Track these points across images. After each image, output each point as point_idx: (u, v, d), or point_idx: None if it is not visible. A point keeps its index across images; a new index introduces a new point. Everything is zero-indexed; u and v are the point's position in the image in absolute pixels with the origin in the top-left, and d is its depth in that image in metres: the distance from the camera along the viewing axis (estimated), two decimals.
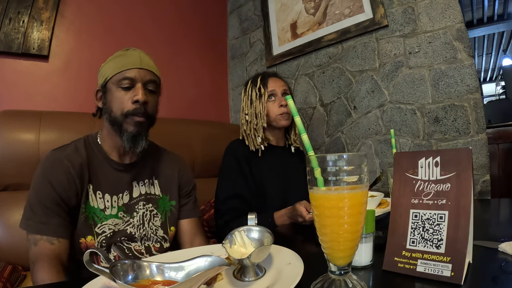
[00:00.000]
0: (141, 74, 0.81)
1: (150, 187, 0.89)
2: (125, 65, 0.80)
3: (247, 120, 1.17)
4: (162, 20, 1.85)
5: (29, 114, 1.17)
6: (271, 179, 1.13)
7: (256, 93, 1.16)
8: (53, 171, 0.75)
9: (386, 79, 1.44)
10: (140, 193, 0.86)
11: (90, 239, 0.75)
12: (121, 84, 0.79)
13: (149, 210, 0.86)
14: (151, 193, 0.88)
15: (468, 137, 1.23)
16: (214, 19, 2.17)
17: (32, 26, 1.38)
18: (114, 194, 0.81)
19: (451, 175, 0.46)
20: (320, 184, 0.39)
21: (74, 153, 0.79)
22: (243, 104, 1.20)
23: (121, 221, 0.80)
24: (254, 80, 1.21)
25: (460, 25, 1.24)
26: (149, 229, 0.84)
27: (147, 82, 0.82)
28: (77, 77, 1.50)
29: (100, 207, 0.79)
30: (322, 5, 1.68)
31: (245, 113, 1.18)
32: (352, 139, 1.55)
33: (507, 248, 0.50)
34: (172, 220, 0.91)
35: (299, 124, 0.44)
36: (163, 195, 0.91)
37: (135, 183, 0.86)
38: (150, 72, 0.83)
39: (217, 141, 1.53)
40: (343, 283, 0.40)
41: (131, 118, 0.79)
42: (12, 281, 0.92)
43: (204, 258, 0.43)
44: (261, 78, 1.19)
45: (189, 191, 0.98)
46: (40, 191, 0.74)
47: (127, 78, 0.79)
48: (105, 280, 0.46)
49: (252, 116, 1.16)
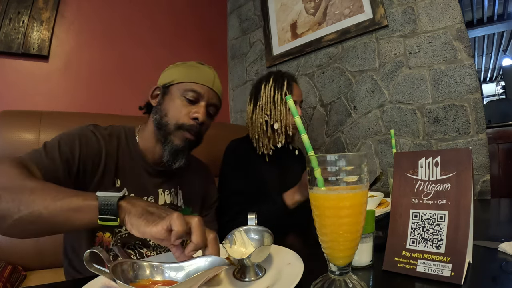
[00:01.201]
0: (209, 94, 0.79)
1: (174, 197, 0.85)
2: (198, 78, 0.79)
3: (266, 120, 1.10)
4: (162, 20, 1.85)
5: (29, 114, 1.17)
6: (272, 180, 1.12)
7: (282, 98, 1.10)
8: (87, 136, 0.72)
9: (386, 79, 1.44)
10: (165, 201, 0.82)
11: (108, 235, 0.73)
12: (186, 94, 0.77)
13: None
14: (174, 204, 0.84)
15: (468, 137, 1.23)
16: (214, 19, 2.17)
17: (32, 26, 1.38)
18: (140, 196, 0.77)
19: (451, 175, 0.46)
20: (320, 184, 0.39)
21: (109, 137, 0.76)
22: (262, 102, 1.11)
23: None
24: (277, 81, 1.13)
25: (460, 25, 1.24)
26: None
27: (211, 104, 0.80)
28: (77, 77, 1.50)
29: None
30: (322, 5, 1.68)
31: (265, 112, 1.10)
32: (352, 139, 1.55)
33: (507, 248, 0.50)
34: None
35: (299, 124, 0.44)
36: (186, 207, 0.87)
37: (161, 190, 0.82)
38: (217, 96, 0.82)
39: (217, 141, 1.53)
40: (343, 283, 0.40)
41: (183, 133, 0.76)
42: (12, 281, 0.92)
43: (204, 258, 0.43)
44: (287, 83, 1.12)
45: (211, 204, 0.95)
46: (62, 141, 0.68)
47: (196, 91, 0.77)
48: (105, 280, 0.46)
49: (274, 119, 1.09)
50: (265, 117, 1.10)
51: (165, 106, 0.79)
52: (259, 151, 1.11)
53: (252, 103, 1.15)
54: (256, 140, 1.11)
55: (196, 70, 0.81)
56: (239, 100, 2.13)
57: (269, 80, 1.14)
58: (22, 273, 0.97)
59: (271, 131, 1.10)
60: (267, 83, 1.13)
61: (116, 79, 1.62)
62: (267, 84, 1.13)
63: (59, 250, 0.82)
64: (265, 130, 1.10)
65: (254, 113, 1.13)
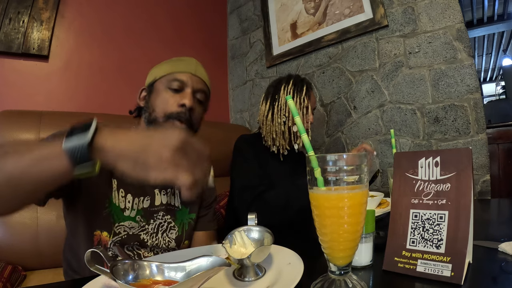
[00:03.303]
0: (193, 80, 0.79)
1: (171, 197, 0.84)
2: (180, 68, 0.79)
3: (284, 121, 1.10)
4: (161, 20, 1.85)
5: (29, 114, 1.17)
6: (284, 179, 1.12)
7: (301, 103, 1.11)
8: None
9: (386, 79, 1.44)
10: (161, 202, 0.82)
11: (106, 235, 0.72)
12: (170, 85, 0.77)
13: (167, 222, 0.81)
14: (171, 204, 0.84)
15: (468, 137, 1.23)
16: (214, 19, 2.17)
17: (32, 26, 1.38)
18: (136, 196, 0.77)
19: (451, 175, 0.46)
20: (320, 184, 0.39)
21: None
22: (281, 103, 1.11)
23: (137, 225, 0.77)
24: (297, 85, 1.13)
25: (460, 25, 1.24)
26: (162, 239, 0.80)
27: (197, 90, 0.80)
28: (77, 77, 1.50)
29: (121, 207, 0.75)
30: (322, 5, 1.68)
31: (283, 113, 1.10)
32: (352, 139, 1.55)
33: (507, 248, 0.50)
34: (188, 234, 0.86)
35: (299, 124, 0.44)
36: (183, 207, 0.86)
37: (157, 190, 0.82)
38: (202, 81, 0.82)
39: (217, 141, 1.53)
40: (343, 283, 0.40)
41: (173, 122, 0.75)
42: (12, 281, 0.92)
43: (205, 258, 0.43)
44: (306, 88, 1.13)
45: (210, 203, 0.94)
46: None
47: (178, 80, 0.77)
48: (105, 280, 0.46)
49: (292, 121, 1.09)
50: (284, 118, 1.10)
51: (152, 102, 0.79)
52: (273, 149, 1.11)
53: (269, 102, 1.14)
54: (272, 139, 1.12)
55: (177, 61, 0.81)
56: (239, 100, 2.13)
57: (289, 82, 1.14)
58: (22, 273, 0.97)
59: (288, 133, 1.10)
60: (287, 85, 1.13)
61: (116, 79, 1.61)
62: (286, 86, 1.13)
63: (59, 250, 0.82)
64: (283, 131, 1.10)
65: (271, 112, 1.13)
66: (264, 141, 1.14)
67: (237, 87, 2.15)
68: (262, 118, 1.15)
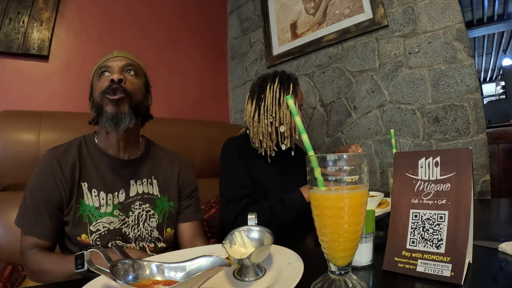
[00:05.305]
0: (116, 61, 0.83)
1: (148, 186, 0.88)
2: (102, 60, 0.85)
3: (271, 122, 1.07)
4: (161, 20, 1.85)
5: (29, 114, 1.17)
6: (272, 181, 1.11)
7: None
8: (43, 172, 0.78)
9: (386, 79, 1.44)
10: (137, 192, 0.85)
11: (85, 237, 0.76)
12: (99, 74, 0.83)
13: (146, 211, 0.85)
14: (148, 193, 0.87)
15: (468, 137, 1.23)
16: (214, 19, 2.17)
17: (32, 26, 1.38)
18: (109, 192, 0.81)
19: (451, 175, 0.46)
20: (320, 184, 0.39)
21: (64, 153, 0.81)
22: (267, 103, 1.08)
23: (116, 220, 0.80)
24: (283, 83, 1.10)
25: (460, 25, 1.24)
26: (144, 229, 0.84)
27: (124, 66, 0.84)
28: (77, 77, 1.50)
29: (96, 205, 0.78)
30: (322, 5, 1.68)
31: (270, 114, 1.07)
32: (352, 139, 1.55)
33: (507, 248, 0.50)
34: (170, 222, 0.89)
35: (299, 124, 0.44)
36: (162, 195, 0.89)
37: (133, 181, 0.85)
38: (125, 58, 0.86)
39: (217, 141, 1.53)
40: (343, 283, 0.40)
41: (108, 98, 0.78)
42: (12, 281, 0.92)
43: (205, 258, 0.43)
44: (293, 86, 1.10)
45: (190, 193, 0.96)
46: (33, 190, 0.77)
47: (104, 66, 0.83)
48: (105, 280, 0.46)
49: (279, 121, 1.07)
50: (270, 118, 1.07)
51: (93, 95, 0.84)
52: (261, 151, 1.09)
53: (255, 102, 1.11)
54: (260, 141, 1.09)
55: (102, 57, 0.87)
56: (239, 100, 2.13)
57: (275, 80, 1.11)
58: (22, 273, 0.97)
59: (275, 134, 1.08)
60: (273, 84, 1.10)
61: None
62: (272, 85, 1.10)
63: (58, 250, 0.83)
64: (270, 132, 1.07)
65: (257, 113, 1.10)
66: (252, 142, 1.11)
67: (237, 87, 2.15)
68: (248, 119, 1.12)
